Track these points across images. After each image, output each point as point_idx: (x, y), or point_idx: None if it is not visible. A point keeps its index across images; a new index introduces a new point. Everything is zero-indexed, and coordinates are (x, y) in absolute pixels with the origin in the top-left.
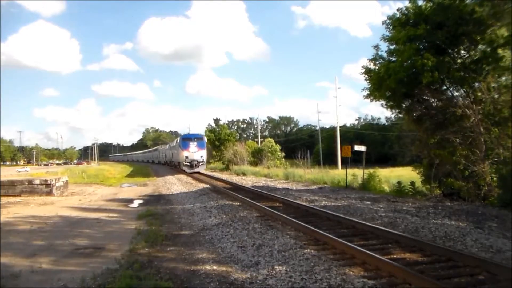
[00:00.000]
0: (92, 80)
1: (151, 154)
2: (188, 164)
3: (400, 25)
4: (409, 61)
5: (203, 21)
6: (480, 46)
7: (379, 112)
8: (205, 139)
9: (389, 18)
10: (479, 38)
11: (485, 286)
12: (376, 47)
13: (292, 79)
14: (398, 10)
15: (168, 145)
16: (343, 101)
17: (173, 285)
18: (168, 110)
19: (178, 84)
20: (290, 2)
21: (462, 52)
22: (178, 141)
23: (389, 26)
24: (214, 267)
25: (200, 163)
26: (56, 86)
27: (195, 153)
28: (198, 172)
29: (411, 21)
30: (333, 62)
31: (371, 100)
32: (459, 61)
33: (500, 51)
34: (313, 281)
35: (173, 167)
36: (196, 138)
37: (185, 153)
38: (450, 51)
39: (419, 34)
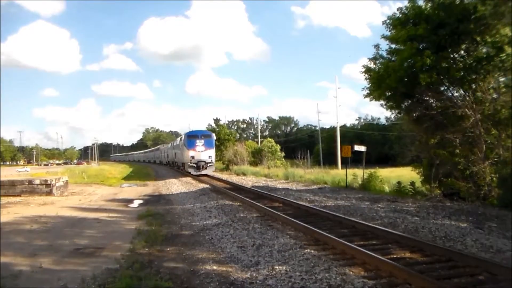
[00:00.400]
0: (92, 80)
1: (152, 153)
2: (194, 165)
3: (400, 25)
4: (409, 61)
5: (203, 21)
6: (481, 47)
7: (379, 112)
8: (214, 136)
9: (389, 18)
10: (479, 38)
11: (485, 286)
12: (377, 46)
13: (292, 79)
14: (398, 9)
15: (170, 144)
16: (343, 101)
17: (173, 285)
18: (168, 110)
19: (178, 84)
20: (290, 2)
21: (462, 52)
22: (183, 138)
23: (389, 26)
24: (214, 267)
25: (209, 165)
26: (56, 86)
27: (202, 152)
28: (206, 175)
29: (411, 20)
30: (333, 62)
31: (371, 100)
32: (459, 60)
33: (506, 47)
34: (313, 281)
35: (177, 168)
36: (204, 135)
37: (190, 153)
38: (450, 50)
39: (419, 33)
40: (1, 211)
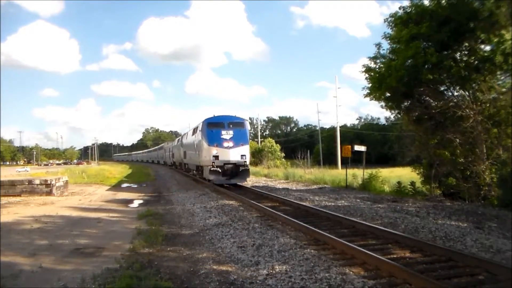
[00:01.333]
0: (92, 80)
1: (155, 153)
2: (219, 169)
3: (401, 23)
4: (410, 60)
5: (202, 21)
6: (484, 46)
7: (379, 112)
8: (248, 125)
9: (391, 15)
10: (483, 36)
11: (485, 286)
12: (378, 45)
13: (291, 79)
14: (400, 8)
15: (177, 140)
16: (343, 101)
17: (173, 285)
18: (168, 110)
19: (177, 84)
20: (289, 2)
21: (465, 51)
22: (200, 128)
23: (391, 23)
24: (214, 267)
25: (241, 169)
26: (56, 86)
27: (232, 150)
28: (236, 185)
29: (412, 19)
30: (333, 62)
31: (371, 99)
32: (462, 59)
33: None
34: (313, 281)
35: (185, 171)
36: (232, 123)
37: (213, 151)
38: (455, 47)
39: (422, 32)
40: (1, 211)
